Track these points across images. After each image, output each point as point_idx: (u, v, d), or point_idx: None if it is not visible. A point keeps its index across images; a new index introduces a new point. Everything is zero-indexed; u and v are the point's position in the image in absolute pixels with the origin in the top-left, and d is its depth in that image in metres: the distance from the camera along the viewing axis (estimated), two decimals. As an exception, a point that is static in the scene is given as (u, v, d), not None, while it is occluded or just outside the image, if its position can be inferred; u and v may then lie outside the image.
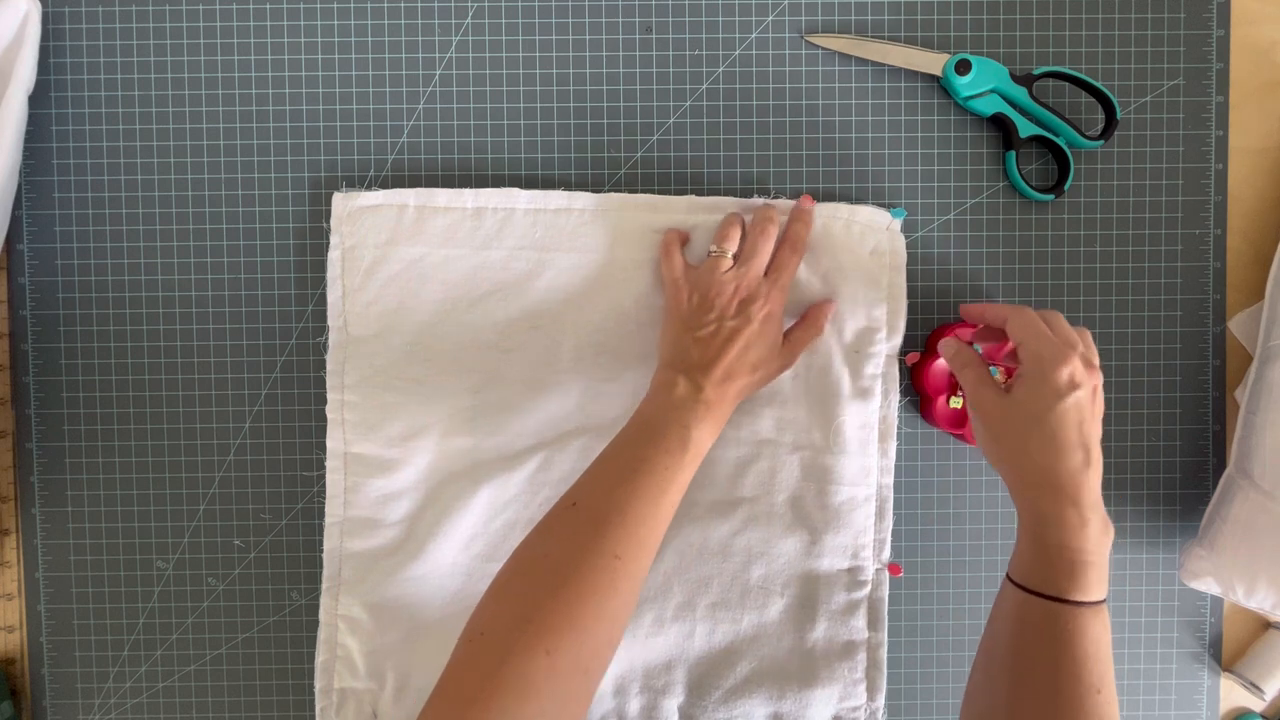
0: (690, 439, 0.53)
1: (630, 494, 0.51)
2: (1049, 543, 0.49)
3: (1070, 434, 0.49)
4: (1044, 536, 0.49)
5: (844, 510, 0.62)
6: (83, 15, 0.63)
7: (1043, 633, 0.48)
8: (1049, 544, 0.49)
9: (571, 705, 0.45)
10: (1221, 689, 0.66)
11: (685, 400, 0.54)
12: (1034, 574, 0.49)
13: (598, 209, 0.62)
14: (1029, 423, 0.50)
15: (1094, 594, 0.48)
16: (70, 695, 0.64)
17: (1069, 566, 0.48)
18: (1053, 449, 0.49)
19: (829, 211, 0.62)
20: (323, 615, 0.61)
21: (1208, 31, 0.63)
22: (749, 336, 0.56)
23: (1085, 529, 0.48)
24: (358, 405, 0.61)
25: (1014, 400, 0.51)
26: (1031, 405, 0.50)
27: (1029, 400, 0.50)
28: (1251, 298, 0.65)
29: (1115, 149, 0.64)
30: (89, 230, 0.64)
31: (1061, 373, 0.49)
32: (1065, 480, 0.49)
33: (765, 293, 0.57)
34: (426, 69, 0.63)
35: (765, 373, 0.57)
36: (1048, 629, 0.48)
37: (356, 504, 0.62)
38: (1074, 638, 0.47)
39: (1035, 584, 0.49)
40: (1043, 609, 0.48)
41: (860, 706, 0.62)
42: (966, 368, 0.55)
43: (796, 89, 0.64)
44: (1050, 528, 0.49)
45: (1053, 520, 0.49)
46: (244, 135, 0.63)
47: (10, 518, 0.64)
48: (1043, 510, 0.49)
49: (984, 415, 0.53)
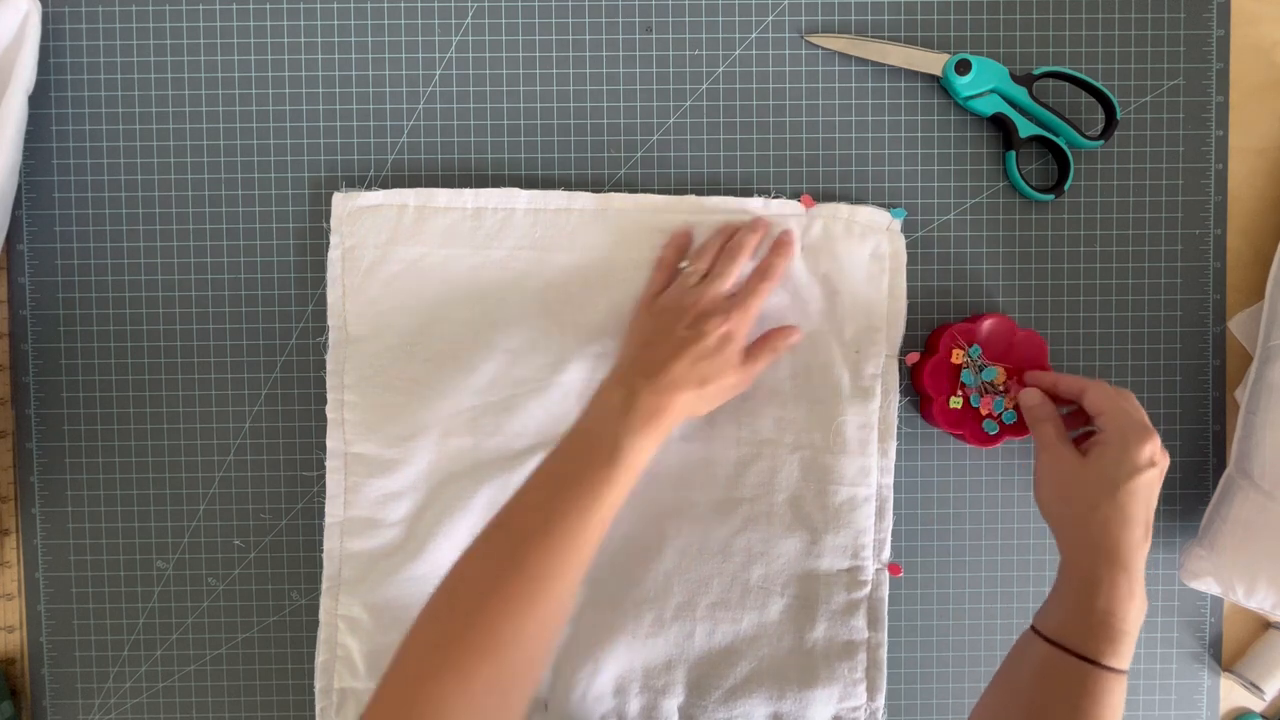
0: (621, 451, 0.50)
1: (553, 511, 0.49)
2: (1095, 606, 0.50)
3: (1139, 509, 0.51)
4: (1090, 599, 0.50)
5: (844, 510, 0.62)
6: (83, 15, 0.63)
7: (1070, 690, 0.49)
8: (1095, 608, 0.50)
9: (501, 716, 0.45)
10: (1221, 689, 0.66)
11: (620, 410, 0.52)
12: (1071, 632, 0.50)
13: (597, 209, 0.62)
14: (1103, 490, 0.51)
15: (1123, 662, 0.50)
16: (70, 695, 0.64)
17: (1108, 632, 0.49)
18: (1120, 519, 0.51)
19: (829, 211, 0.62)
20: (323, 615, 0.61)
21: (1208, 31, 0.64)
22: (699, 351, 0.54)
23: (1132, 600, 0.50)
24: (358, 405, 0.61)
25: (1091, 466, 0.52)
26: (1109, 474, 0.51)
27: (1108, 469, 0.52)
28: (1251, 298, 0.65)
29: (1115, 149, 0.64)
30: (89, 230, 0.64)
31: (1144, 450, 0.51)
32: (1124, 551, 0.50)
33: (726, 311, 0.56)
34: (426, 69, 0.63)
35: (716, 390, 0.55)
36: (1075, 688, 0.49)
37: (356, 504, 0.62)
38: (1098, 700, 0.48)
39: (1071, 642, 0.50)
40: (1072, 667, 0.49)
41: (860, 706, 0.62)
42: (1045, 423, 0.56)
43: (796, 89, 0.64)
44: (1100, 593, 0.50)
45: (1105, 586, 0.50)
46: (244, 135, 0.63)
47: (10, 518, 0.64)
48: (1097, 575, 0.50)
49: (1055, 474, 0.54)
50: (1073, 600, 0.51)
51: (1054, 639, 0.50)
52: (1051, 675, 0.50)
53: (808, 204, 0.62)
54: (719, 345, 0.55)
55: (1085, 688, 0.49)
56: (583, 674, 0.61)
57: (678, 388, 0.53)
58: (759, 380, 0.61)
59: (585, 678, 0.61)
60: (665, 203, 0.62)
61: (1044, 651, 0.51)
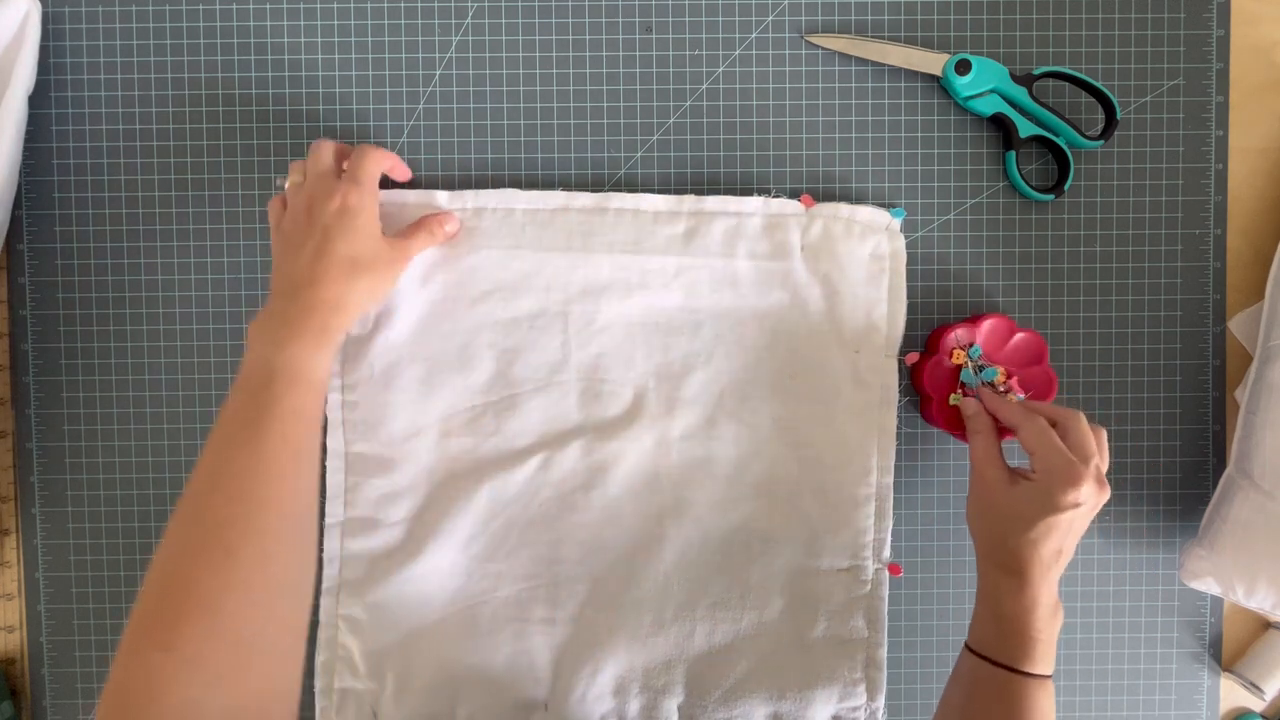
0: (275, 367, 0.49)
1: (221, 456, 0.47)
2: (1004, 614, 0.52)
3: (1053, 542, 0.51)
4: (999, 608, 0.52)
5: (844, 509, 0.62)
6: (83, 15, 0.63)
7: (993, 699, 0.51)
8: (1004, 615, 0.52)
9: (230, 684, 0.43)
10: (1221, 689, 0.66)
11: (266, 329, 0.50)
12: (989, 643, 0.52)
13: (597, 209, 0.62)
14: (1018, 526, 0.51)
15: (1041, 668, 0.51)
16: (70, 695, 0.64)
17: (1020, 640, 0.51)
18: (1030, 547, 0.51)
19: (829, 211, 0.62)
20: (323, 616, 0.61)
21: (1208, 31, 0.63)
22: (323, 236, 0.52)
23: (1036, 609, 0.51)
24: (358, 405, 0.61)
25: (1014, 494, 0.53)
26: (1028, 509, 0.51)
27: (1028, 504, 0.52)
28: (1251, 298, 0.65)
29: (1115, 149, 0.64)
30: (89, 230, 0.64)
31: (1069, 495, 0.50)
32: (1030, 571, 0.51)
33: (337, 189, 0.53)
34: (426, 69, 0.63)
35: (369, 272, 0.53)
36: (998, 695, 0.51)
37: (357, 504, 0.62)
38: (1021, 706, 0.50)
39: (990, 652, 0.52)
40: (994, 676, 0.51)
41: (860, 706, 0.62)
42: (978, 435, 0.57)
43: (796, 89, 0.64)
44: (1005, 601, 0.52)
45: (1008, 595, 0.52)
46: (244, 135, 0.63)
47: (10, 518, 0.64)
48: (1000, 585, 0.52)
49: (980, 489, 0.55)
50: (985, 612, 0.53)
51: (977, 650, 0.52)
52: (979, 685, 0.52)
53: (808, 204, 0.62)
54: (340, 221, 0.52)
55: (1008, 693, 0.50)
56: (583, 674, 0.61)
57: (318, 282, 0.51)
58: (759, 379, 0.62)
59: (585, 678, 0.61)
60: (664, 202, 0.62)
61: (971, 663, 0.53)
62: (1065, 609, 0.65)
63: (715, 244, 0.62)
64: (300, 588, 0.49)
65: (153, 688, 0.42)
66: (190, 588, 0.45)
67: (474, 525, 0.61)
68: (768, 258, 0.62)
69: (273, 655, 0.46)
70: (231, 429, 0.49)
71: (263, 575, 0.46)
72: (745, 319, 0.62)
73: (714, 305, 0.62)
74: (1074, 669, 0.65)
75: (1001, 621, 0.52)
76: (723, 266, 0.62)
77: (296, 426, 0.49)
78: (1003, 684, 0.51)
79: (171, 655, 0.43)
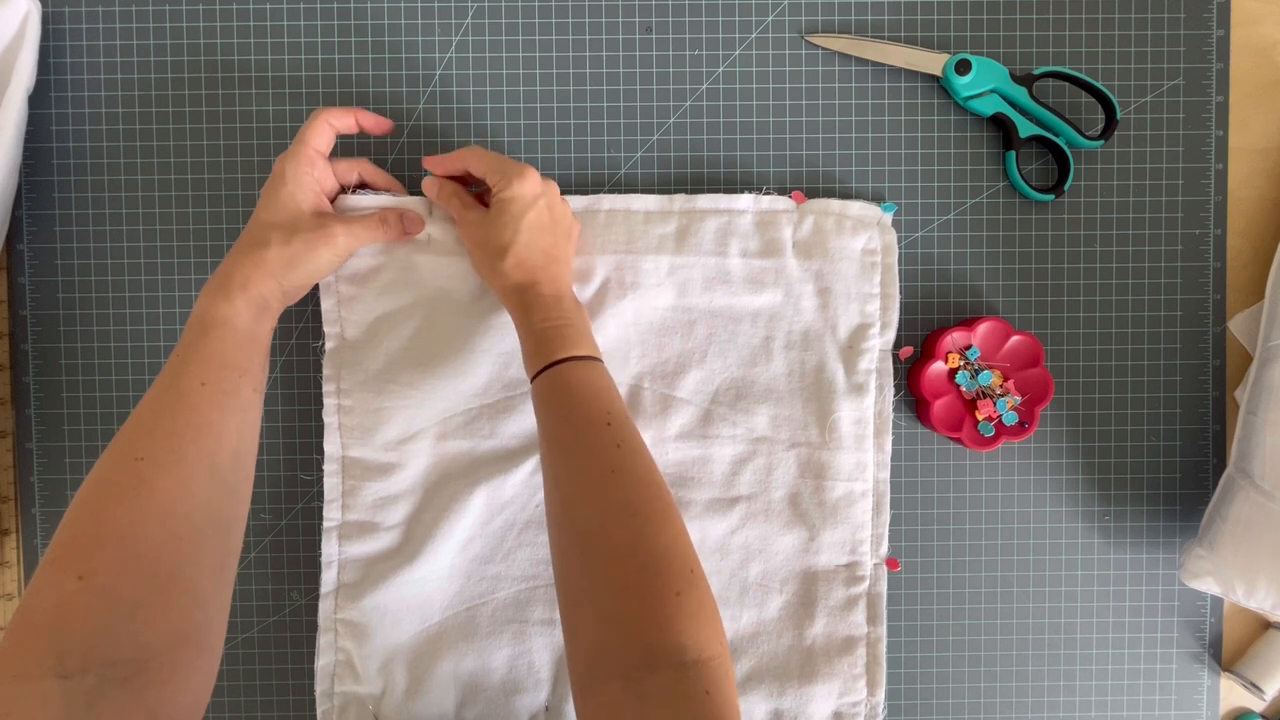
0: (197, 314, 0.51)
1: (146, 398, 0.49)
2: (535, 325, 0.54)
3: (542, 240, 0.55)
4: (531, 321, 0.54)
5: (841, 505, 0.62)
6: (83, 15, 0.63)
7: (555, 396, 0.52)
8: (536, 326, 0.54)
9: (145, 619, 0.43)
10: (1221, 689, 0.66)
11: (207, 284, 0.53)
12: (537, 358, 0.53)
13: (588, 211, 0.62)
14: (506, 230, 0.55)
15: (584, 350, 0.53)
16: (70, 695, 0.64)
17: (556, 334, 0.53)
18: (526, 250, 0.55)
19: (820, 207, 0.62)
20: (321, 619, 0.61)
21: (1208, 31, 0.63)
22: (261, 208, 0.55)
23: (561, 303, 0.54)
24: (354, 409, 0.61)
25: (493, 215, 0.55)
26: (508, 219, 0.55)
27: (504, 215, 0.55)
28: (1251, 298, 0.65)
29: (1115, 149, 0.64)
30: (89, 230, 0.64)
31: (526, 185, 0.55)
32: (537, 274, 0.55)
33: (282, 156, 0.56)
34: (426, 69, 0.63)
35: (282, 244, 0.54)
36: (558, 391, 0.52)
37: (354, 508, 0.61)
38: (577, 386, 0.52)
39: (541, 364, 0.53)
40: (551, 378, 0.52)
41: (860, 701, 0.62)
42: (451, 198, 0.58)
43: (796, 89, 0.64)
44: (535, 311, 0.54)
45: (535, 304, 0.54)
46: (244, 135, 0.63)
47: (10, 518, 0.64)
48: (527, 300, 0.55)
49: (473, 234, 0.57)
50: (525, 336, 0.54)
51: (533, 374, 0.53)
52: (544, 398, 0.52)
53: (799, 200, 0.62)
54: (266, 188, 0.55)
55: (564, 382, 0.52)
56: (582, 674, 0.61)
57: (240, 243, 0.54)
58: (754, 376, 0.62)
59: (585, 677, 0.61)
60: (655, 202, 0.62)
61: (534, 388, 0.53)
62: (1065, 609, 0.65)
63: (707, 242, 0.62)
64: (226, 531, 0.49)
65: (64, 613, 0.42)
66: (103, 517, 0.45)
67: (471, 527, 0.61)
68: (760, 255, 0.62)
69: (193, 597, 0.46)
70: (158, 377, 0.50)
71: (183, 510, 0.46)
72: (739, 316, 0.62)
73: (707, 304, 0.62)
74: (1074, 669, 0.65)
75: (536, 330, 0.53)
76: (715, 264, 0.62)
77: (218, 371, 0.50)
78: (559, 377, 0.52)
79: (85, 583, 0.43)
